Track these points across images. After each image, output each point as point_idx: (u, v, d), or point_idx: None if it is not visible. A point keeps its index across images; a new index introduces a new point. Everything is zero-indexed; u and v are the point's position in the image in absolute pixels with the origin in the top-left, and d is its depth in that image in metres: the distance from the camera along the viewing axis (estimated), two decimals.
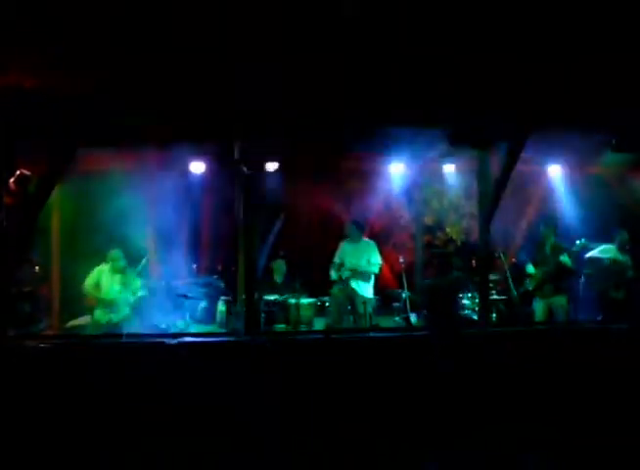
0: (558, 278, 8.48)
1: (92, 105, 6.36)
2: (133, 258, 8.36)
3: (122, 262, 8.04)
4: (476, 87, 6.61)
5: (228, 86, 6.45)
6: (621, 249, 8.83)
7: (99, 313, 8.02)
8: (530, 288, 8.72)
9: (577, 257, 8.64)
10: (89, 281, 7.98)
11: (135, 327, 7.97)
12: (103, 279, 7.99)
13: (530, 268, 8.76)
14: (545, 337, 7.30)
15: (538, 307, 8.63)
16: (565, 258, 8.44)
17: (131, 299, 8.09)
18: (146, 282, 8.37)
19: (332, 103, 6.59)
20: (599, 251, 8.94)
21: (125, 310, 8.06)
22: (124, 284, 8.03)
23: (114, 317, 7.98)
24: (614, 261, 8.75)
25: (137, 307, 8.17)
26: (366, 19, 6.19)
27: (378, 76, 6.51)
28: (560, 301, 8.46)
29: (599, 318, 8.42)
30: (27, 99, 6.21)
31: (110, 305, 7.99)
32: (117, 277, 8.03)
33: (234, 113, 6.69)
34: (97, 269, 8.04)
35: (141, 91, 6.39)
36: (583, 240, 8.57)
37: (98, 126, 6.60)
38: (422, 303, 8.19)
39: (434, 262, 6.69)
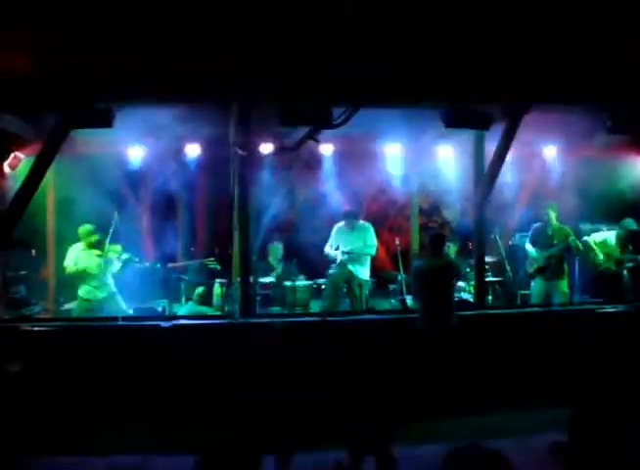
0: (562, 262, 8.40)
1: (85, 86, 6.32)
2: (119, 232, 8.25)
3: (95, 237, 7.92)
4: (471, 68, 6.56)
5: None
6: (621, 244, 8.80)
7: (84, 291, 7.93)
8: (532, 271, 8.61)
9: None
10: (67, 261, 7.88)
11: (120, 303, 7.97)
12: (80, 256, 7.88)
13: (532, 251, 8.67)
14: (539, 319, 7.36)
15: (536, 290, 8.55)
16: (573, 240, 8.32)
17: (115, 268, 8.03)
18: (124, 245, 8.23)
19: (324, 83, 6.55)
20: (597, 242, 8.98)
21: (109, 286, 8.01)
22: (102, 256, 7.93)
23: (100, 294, 7.92)
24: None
25: (124, 272, 8.13)
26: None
27: (373, 59, 6.46)
28: (561, 285, 8.37)
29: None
30: (22, 80, 6.16)
31: (93, 279, 7.90)
32: (94, 252, 7.92)
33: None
34: (72, 248, 7.93)
35: (136, 70, 6.32)
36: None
37: (91, 108, 6.55)
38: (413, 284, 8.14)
39: (427, 243, 6.65)
